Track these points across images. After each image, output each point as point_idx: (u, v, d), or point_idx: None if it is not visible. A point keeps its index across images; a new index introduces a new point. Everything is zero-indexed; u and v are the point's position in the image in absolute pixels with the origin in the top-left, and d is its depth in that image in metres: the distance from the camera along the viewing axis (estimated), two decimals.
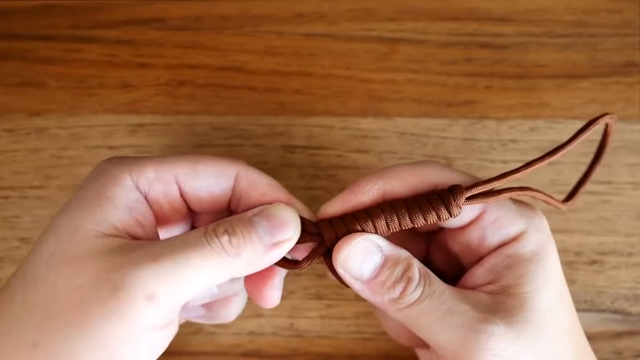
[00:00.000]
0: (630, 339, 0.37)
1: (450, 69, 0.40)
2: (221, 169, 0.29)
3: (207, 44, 0.40)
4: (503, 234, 0.28)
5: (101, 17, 0.41)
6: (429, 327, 0.27)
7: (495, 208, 0.29)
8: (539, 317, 0.27)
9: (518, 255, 0.28)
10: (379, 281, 0.27)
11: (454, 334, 0.26)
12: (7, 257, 0.38)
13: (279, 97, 0.40)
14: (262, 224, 0.27)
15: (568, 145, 0.30)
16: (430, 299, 0.27)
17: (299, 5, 0.41)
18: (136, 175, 0.27)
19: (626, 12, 0.41)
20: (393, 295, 0.27)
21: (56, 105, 0.39)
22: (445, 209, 0.27)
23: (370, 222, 0.27)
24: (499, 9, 0.41)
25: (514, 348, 0.26)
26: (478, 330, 0.26)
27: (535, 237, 0.28)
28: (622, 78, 0.40)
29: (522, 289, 0.27)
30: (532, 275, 0.27)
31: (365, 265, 0.27)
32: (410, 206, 0.27)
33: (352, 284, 0.28)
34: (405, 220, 0.27)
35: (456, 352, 0.26)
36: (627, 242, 0.38)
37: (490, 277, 0.28)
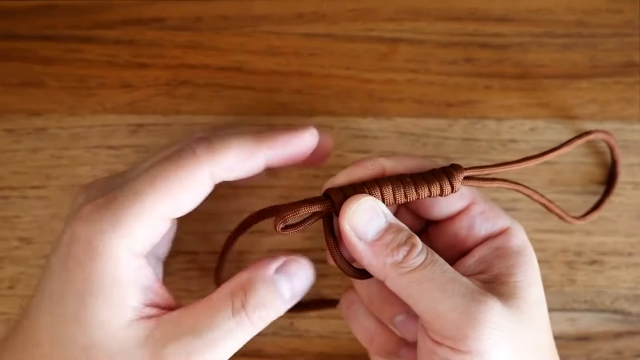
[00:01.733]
0: (630, 339, 0.37)
1: (450, 69, 0.40)
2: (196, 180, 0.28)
3: (207, 44, 0.40)
4: (490, 226, 0.30)
5: (101, 17, 0.41)
6: (431, 293, 0.26)
7: (482, 201, 0.31)
8: (529, 308, 0.27)
9: (506, 248, 0.29)
10: (383, 242, 0.27)
11: (457, 301, 0.26)
12: (7, 257, 0.38)
13: (279, 97, 0.40)
14: (284, 284, 0.29)
15: (564, 148, 0.32)
16: (433, 265, 0.27)
17: (299, 5, 0.41)
18: (127, 241, 0.27)
19: (626, 12, 0.41)
20: (396, 257, 0.27)
21: (56, 105, 0.39)
22: (448, 182, 0.28)
23: (378, 189, 0.28)
24: (499, 9, 0.41)
25: (509, 327, 0.26)
26: (479, 300, 0.26)
27: (520, 234, 0.30)
28: (622, 78, 0.40)
29: (514, 278, 0.28)
30: (522, 267, 0.28)
31: (371, 225, 0.27)
32: (415, 178, 0.28)
33: (355, 245, 0.27)
34: (410, 191, 0.28)
35: (457, 321, 0.26)
36: (627, 242, 0.38)
37: (481, 267, 0.29)
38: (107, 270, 0.26)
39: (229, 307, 0.27)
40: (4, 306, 0.37)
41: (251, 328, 0.27)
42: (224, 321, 0.27)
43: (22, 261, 0.38)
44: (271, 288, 0.28)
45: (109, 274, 0.26)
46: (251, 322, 0.27)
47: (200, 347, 0.26)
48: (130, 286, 0.27)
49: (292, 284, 0.29)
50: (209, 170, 0.28)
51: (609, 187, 0.38)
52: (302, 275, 0.30)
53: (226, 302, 0.27)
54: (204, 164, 0.28)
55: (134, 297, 0.27)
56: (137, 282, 0.27)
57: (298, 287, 0.29)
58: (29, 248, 0.38)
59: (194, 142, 0.28)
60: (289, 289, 0.29)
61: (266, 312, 0.28)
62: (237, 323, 0.27)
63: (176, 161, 0.28)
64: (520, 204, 0.38)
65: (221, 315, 0.27)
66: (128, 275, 0.27)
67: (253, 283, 0.28)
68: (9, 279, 0.38)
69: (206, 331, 0.26)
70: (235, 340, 0.27)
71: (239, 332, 0.27)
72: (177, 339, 0.26)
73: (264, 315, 0.28)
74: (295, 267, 0.29)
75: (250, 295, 0.28)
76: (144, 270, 0.27)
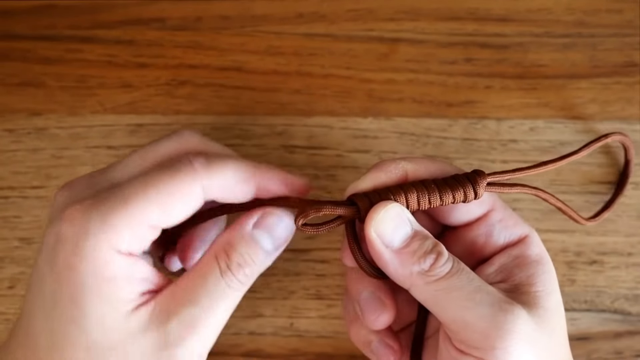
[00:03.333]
0: (630, 339, 0.37)
1: (450, 69, 0.40)
2: (187, 194, 0.28)
3: (207, 44, 0.40)
4: (509, 234, 0.30)
5: (101, 17, 0.41)
6: (458, 302, 0.26)
7: (501, 208, 0.30)
8: (550, 317, 0.27)
9: (526, 257, 0.29)
10: (409, 250, 0.27)
11: (484, 310, 0.25)
12: (7, 257, 0.38)
13: (279, 97, 0.40)
14: (264, 237, 0.29)
15: (583, 151, 0.32)
16: (460, 274, 0.26)
17: (299, 5, 0.41)
18: (115, 243, 0.26)
19: (626, 12, 0.41)
20: (423, 266, 0.27)
21: (56, 105, 0.39)
22: (472, 189, 0.28)
23: (403, 196, 0.28)
24: (499, 9, 0.41)
25: (534, 336, 0.26)
26: (507, 310, 0.25)
27: (538, 242, 0.30)
28: (622, 78, 0.40)
29: (534, 287, 0.27)
30: (542, 276, 0.28)
31: (397, 233, 0.27)
32: (439, 184, 0.28)
33: (381, 253, 0.27)
34: (435, 197, 0.28)
35: (485, 330, 0.25)
36: (627, 242, 0.38)
37: (501, 275, 0.29)
38: (97, 271, 0.26)
39: (216, 271, 0.27)
40: (4, 306, 0.37)
41: (241, 285, 0.28)
42: (215, 285, 0.27)
43: (22, 261, 0.38)
44: (252, 244, 0.28)
45: (99, 274, 0.26)
46: (239, 280, 0.28)
47: (200, 315, 0.26)
48: (123, 281, 0.26)
49: (272, 235, 0.29)
50: (203, 185, 0.28)
51: (619, 187, 0.38)
52: (281, 225, 0.29)
53: (212, 266, 0.28)
54: (199, 178, 0.28)
55: (128, 290, 0.27)
56: (130, 277, 0.27)
57: (279, 237, 0.29)
58: (29, 248, 0.38)
59: (192, 155, 0.28)
60: (270, 241, 0.29)
61: (250, 268, 0.28)
62: (227, 284, 0.27)
63: (171, 171, 0.27)
64: (521, 204, 0.38)
65: (211, 280, 0.27)
66: (120, 273, 0.26)
67: (233, 243, 0.28)
68: (9, 279, 0.37)
69: (201, 298, 0.27)
70: (230, 300, 0.28)
71: (230, 292, 0.27)
72: (176, 313, 0.26)
73: (249, 271, 0.28)
74: (272, 219, 0.29)
75: (233, 255, 0.28)
76: (136, 264, 0.27)
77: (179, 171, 0.28)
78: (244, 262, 0.28)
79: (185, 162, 0.28)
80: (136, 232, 0.27)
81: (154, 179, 0.27)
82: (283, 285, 0.38)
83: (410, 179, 0.29)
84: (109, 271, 0.26)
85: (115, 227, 0.26)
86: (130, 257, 0.27)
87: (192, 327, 0.26)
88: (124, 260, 0.27)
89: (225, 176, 0.28)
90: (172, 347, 0.26)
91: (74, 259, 0.26)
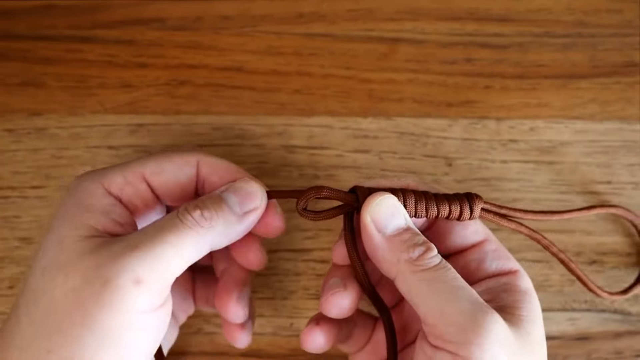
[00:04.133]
0: (630, 339, 0.37)
1: (450, 69, 0.40)
2: (184, 160, 0.31)
3: (207, 44, 0.40)
4: (500, 265, 0.30)
5: (101, 17, 0.41)
6: (440, 293, 0.26)
7: (494, 241, 0.31)
8: (532, 342, 0.27)
9: (514, 285, 0.29)
10: (400, 239, 0.28)
11: (465, 305, 0.26)
12: (7, 257, 0.38)
13: (279, 97, 0.40)
14: (231, 197, 0.29)
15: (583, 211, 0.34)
16: (446, 270, 0.27)
17: (299, 5, 0.41)
18: (107, 183, 0.29)
19: (626, 12, 0.41)
20: (411, 255, 0.27)
21: (56, 105, 0.39)
22: (469, 206, 0.29)
23: (402, 197, 0.29)
24: (499, 9, 0.41)
25: (511, 347, 0.26)
26: (486, 312, 0.26)
27: (527, 280, 0.30)
28: (622, 78, 0.40)
29: (519, 311, 0.28)
30: (529, 304, 0.28)
31: (391, 221, 0.28)
32: (438, 196, 0.29)
33: (372, 237, 0.28)
34: (432, 206, 0.29)
35: (463, 324, 0.25)
36: (627, 242, 0.38)
37: (488, 296, 0.29)
38: (80, 200, 0.28)
39: (174, 212, 0.28)
40: (4, 306, 0.37)
41: (195, 224, 0.27)
42: (168, 219, 0.27)
43: (22, 261, 0.38)
44: (216, 199, 0.29)
45: (81, 203, 0.28)
46: (193, 218, 0.27)
47: (145, 239, 0.26)
48: (98, 212, 0.28)
49: (240, 198, 0.29)
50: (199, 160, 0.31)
51: None
52: (250, 190, 0.29)
53: (172, 212, 0.28)
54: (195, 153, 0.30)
55: (97, 221, 0.28)
56: (107, 213, 0.28)
57: (248, 201, 0.29)
58: (29, 248, 0.38)
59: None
60: (236, 202, 0.29)
61: (209, 212, 0.28)
62: (180, 219, 0.27)
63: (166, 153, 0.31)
64: (521, 204, 0.38)
65: (166, 218, 0.28)
66: (99, 204, 0.28)
67: (200, 198, 0.29)
68: (8, 279, 0.37)
69: (150, 228, 0.27)
70: (182, 236, 0.27)
71: (183, 228, 0.27)
72: (125, 239, 0.27)
73: (207, 214, 0.28)
74: (240, 183, 0.30)
75: (193, 201, 0.28)
76: (117, 208, 0.29)
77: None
78: (204, 206, 0.28)
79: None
80: (129, 178, 0.30)
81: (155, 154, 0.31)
82: (283, 285, 0.38)
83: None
84: (90, 200, 0.28)
85: (110, 171, 0.30)
86: (116, 200, 0.29)
87: (133, 247, 0.26)
88: (108, 198, 0.29)
89: (220, 162, 0.31)
90: (109, 263, 0.26)
91: (66, 194, 0.29)
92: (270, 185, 0.38)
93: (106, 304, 0.25)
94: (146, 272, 0.26)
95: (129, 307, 0.25)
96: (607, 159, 0.39)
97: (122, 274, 0.25)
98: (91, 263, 0.26)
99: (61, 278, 0.26)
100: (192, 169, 0.31)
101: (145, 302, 0.26)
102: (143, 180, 0.30)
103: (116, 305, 0.25)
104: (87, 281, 0.25)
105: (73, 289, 0.25)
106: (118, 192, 0.29)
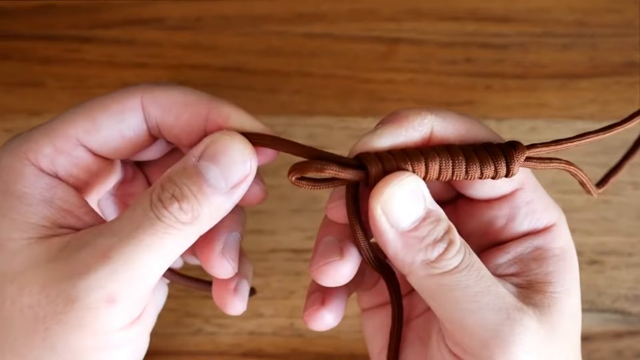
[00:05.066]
0: (630, 339, 0.37)
1: (450, 69, 0.40)
2: (122, 104, 0.24)
3: (207, 44, 0.40)
4: (534, 221, 0.25)
5: (101, 17, 0.41)
6: (460, 303, 0.22)
7: (531, 188, 0.25)
8: (564, 322, 0.24)
9: (547, 249, 0.25)
10: (418, 235, 0.23)
11: (489, 316, 0.22)
12: None
13: (279, 97, 0.40)
14: (211, 170, 0.23)
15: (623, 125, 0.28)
16: (469, 270, 0.22)
17: (299, 5, 0.41)
18: (34, 156, 0.23)
19: (626, 12, 0.41)
20: (429, 255, 0.22)
21: (56, 105, 0.39)
22: (505, 165, 0.23)
23: (423, 164, 0.23)
24: (499, 9, 0.41)
25: (540, 349, 0.23)
26: (514, 319, 0.22)
27: (566, 234, 0.25)
28: (622, 78, 0.40)
29: (551, 287, 0.24)
30: (562, 275, 0.24)
31: (407, 212, 0.23)
32: (467, 154, 0.23)
33: (384, 232, 0.23)
34: (460, 169, 0.23)
35: (485, 339, 0.22)
36: (627, 242, 0.38)
37: (515, 268, 0.25)
38: (8, 186, 0.23)
39: (146, 203, 0.22)
40: None
41: (175, 221, 0.22)
42: (142, 216, 0.22)
43: None
44: (194, 177, 0.22)
45: (10, 189, 0.23)
46: (172, 214, 0.22)
47: (117, 244, 0.21)
48: (37, 203, 0.23)
49: (221, 168, 0.23)
50: (143, 100, 0.24)
51: (627, 155, 0.33)
52: (233, 155, 0.23)
53: (144, 198, 0.23)
54: (138, 91, 0.24)
55: (41, 215, 0.23)
56: (49, 201, 0.23)
57: (230, 171, 0.23)
58: None
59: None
60: (219, 174, 0.23)
61: (189, 203, 0.22)
62: (157, 216, 0.22)
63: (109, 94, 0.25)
64: None
65: (138, 210, 0.22)
66: (34, 191, 0.23)
67: (171, 175, 0.23)
68: None
69: (122, 228, 0.22)
70: (161, 236, 0.22)
71: (162, 227, 0.22)
72: (91, 242, 0.22)
73: (187, 206, 0.22)
74: (220, 146, 0.23)
75: (167, 185, 0.22)
76: (58, 188, 0.24)
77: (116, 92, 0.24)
78: (181, 195, 0.22)
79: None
80: (60, 147, 0.24)
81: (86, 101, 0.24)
82: (283, 285, 0.38)
83: (434, 140, 0.24)
84: (20, 186, 0.23)
85: (35, 140, 0.23)
86: (53, 178, 0.24)
87: (103, 256, 0.21)
88: (42, 179, 0.23)
89: (170, 93, 0.24)
90: (75, 277, 0.21)
91: (8, 177, 0.23)
92: (270, 185, 0.38)
93: (73, 325, 0.21)
94: (120, 288, 0.21)
95: (101, 328, 0.22)
96: (607, 159, 0.39)
97: (92, 292, 0.21)
98: (50, 276, 0.21)
99: (12, 290, 0.22)
100: (136, 112, 0.24)
101: (120, 320, 0.22)
102: (78, 145, 0.24)
103: (85, 327, 0.21)
104: (47, 298, 0.21)
105: (30, 306, 0.21)
106: (51, 167, 0.24)
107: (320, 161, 0.23)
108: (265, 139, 0.24)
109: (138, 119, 0.24)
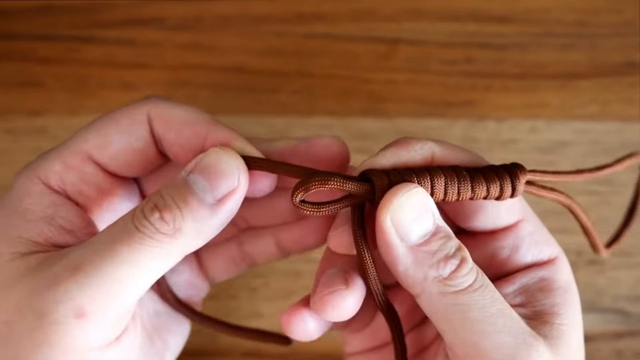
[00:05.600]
0: (630, 339, 0.37)
1: (450, 69, 0.40)
2: (131, 118, 0.24)
3: (207, 44, 0.40)
4: (537, 252, 0.25)
5: (101, 17, 0.41)
6: (476, 325, 0.21)
7: (532, 220, 0.26)
8: (572, 356, 0.23)
9: (553, 281, 0.24)
10: (429, 249, 0.22)
11: (505, 340, 0.21)
12: None
13: (279, 97, 0.40)
14: (199, 181, 0.22)
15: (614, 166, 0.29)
16: (483, 290, 0.22)
17: (299, 5, 0.41)
18: (44, 174, 0.23)
19: (626, 12, 0.41)
20: (441, 272, 0.21)
21: (56, 105, 0.39)
22: (510, 183, 0.23)
23: (429, 180, 0.22)
24: (499, 9, 0.41)
25: None
26: (531, 345, 0.21)
27: (568, 268, 0.25)
28: (622, 78, 0.40)
29: (559, 319, 0.23)
30: (569, 307, 0.24)
31: (417, 225, 0.22)
32: (472, 172, 0.23)
33: (393, 246, 0.22)
34: (466, 187, 0.23)
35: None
36: (627, 242, 0.38)
37: (522, 298, 0.24)
38: (13, 202, 0.23)
39: (129, 215, 0.22)
40: None
41: (155, 232, 0.21)
42: (122, 226, 0.21)
43: None
44: (180, 187, 0.22)
45: (15, 206, 0.23)
46: (153, 225, 0.21)
47: (90, 256, 0.21)
48: (34, 219, 0.23)
49: (209, 179, 0.22)
50: (150, 114, 0.24)
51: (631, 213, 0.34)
52: (223, 166, 0.22)
53: (129, 212, 0.22)
54: (145, 105, 0.24)
55: (36, 230, 0.22)
56: (50, 218, 0.23)
57: (219, 183, 0.22)
58: None
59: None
60: (207, 187, 0.22)
61: (171, 213, 0.21)
62: (137, 227, 0.21)
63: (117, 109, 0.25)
64: None
65: (119, 222, 0.22)
66: (38, 208, 0.23)
67: (159, 188, 0.22)
68: None
69: (101, 240, 0.21)
70: (141, 249, 0.21)
71: (141, 238, 0.21)
72: (67, 256, 0.21)
73: (169, 217, 0.21)
74: (210, 159, 0.22)
75: (152, 197, 0.22)
76: (61, 208, 0.23)
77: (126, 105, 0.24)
78: (163, 205, 0.21)
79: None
80: (69, 163, 0.24)
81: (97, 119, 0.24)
82: (283, 285, 0.38)
83: (436, 164, 0.24)
84: (26, 203, 0.23)
85: (48, 158, 0.24)
86: (60, 197, 0.24)
87: (75, 268, 0.20)
88: (47, 197, 0.23)
89: (172, 109, 0.24)
90: (45, 292, 0.20)
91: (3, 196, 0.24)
92: None
93: (43, 342, 0.20)
94: (91, 302, 0.20)
95: (72, 345, 0.20)
96: (607, 159, 0.39)
97: (59, 305, 0.20)
98: (26, 289, 0.21)
99: None
100: (143, 126, 0.24)
101: (94, 338, 0.21)
102: (88, 161, 0.24)
103: (56, 344, 0.20)
104: (20, 313, 0.20)
105: (5, 322, 0.21)
106: (60, 184, 0.24)
107: (324, 172, 0.22)
108: (265, 163, 0.24)
109: (145, 132, 0.24)
